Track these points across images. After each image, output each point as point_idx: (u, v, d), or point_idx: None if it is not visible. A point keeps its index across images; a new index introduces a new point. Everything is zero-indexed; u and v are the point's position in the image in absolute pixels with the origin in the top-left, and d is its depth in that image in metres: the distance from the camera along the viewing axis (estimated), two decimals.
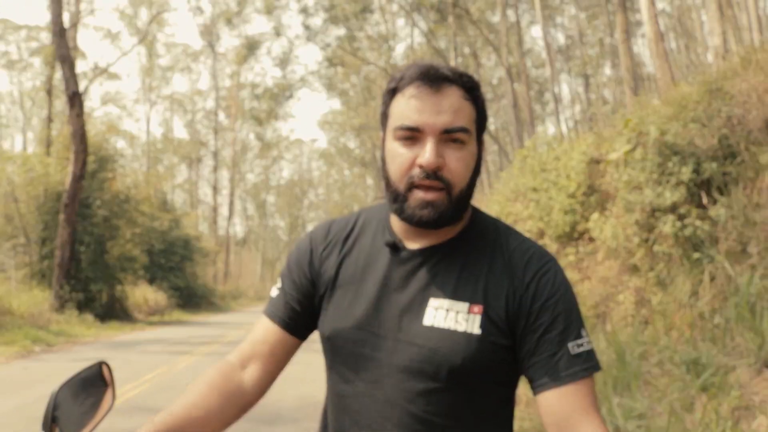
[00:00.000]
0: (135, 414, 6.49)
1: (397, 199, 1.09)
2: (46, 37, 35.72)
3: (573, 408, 1.03)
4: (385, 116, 1.15)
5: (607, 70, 38.54)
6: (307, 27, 29.54)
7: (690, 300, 5.77)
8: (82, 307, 18.43)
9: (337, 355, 1.16)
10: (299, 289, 1.24)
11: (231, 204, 56.25)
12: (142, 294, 25.65)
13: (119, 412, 6.46)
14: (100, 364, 1.25)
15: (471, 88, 1.10)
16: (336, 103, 51.81)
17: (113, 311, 21.10)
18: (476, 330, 1.07)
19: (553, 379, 1.05)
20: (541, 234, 9.26)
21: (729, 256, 5.55)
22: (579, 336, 1.07)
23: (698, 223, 5.85)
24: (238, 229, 75.59)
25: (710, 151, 6.10)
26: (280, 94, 30.68)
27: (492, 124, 46.68)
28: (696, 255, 5.85)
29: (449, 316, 1.08)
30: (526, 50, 35.70)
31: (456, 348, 1.06)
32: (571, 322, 1.08)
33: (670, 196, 6.03)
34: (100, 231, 21.07)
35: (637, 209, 6.54)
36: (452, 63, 27.68)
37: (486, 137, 1.20)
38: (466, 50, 36.02)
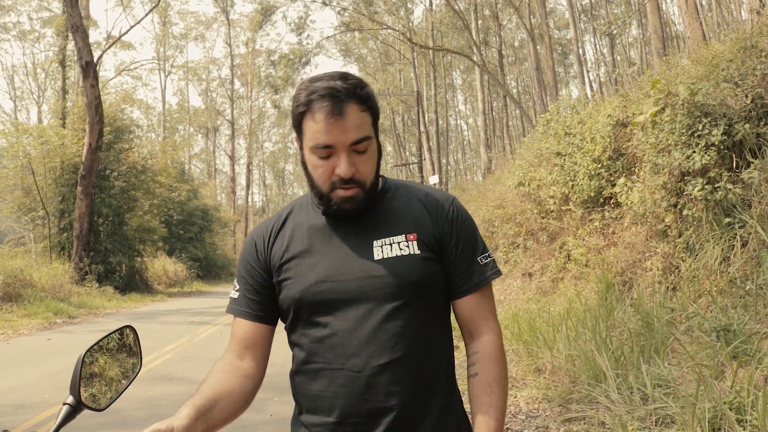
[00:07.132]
0: (159, 383, 6.51)
1: (323, 198, 1.38)
2: (57, 7, 35.48)
3: (480, 310, 1.42)
4: (298, 130, 1.37)
5: (634, 30, 37.61)
6: None
7: (720, 266, 5.61)
8: (102, 279, 18.61)
9: (308, 310, 1.37)
10: (256, 282, 1.45)
11: (249, 173, 56.31)
12: (161, 265, 25.87)
13: (143, 380, 6.50)
14: (126, 328, 1.31)
15: (366, 99, 1.33)
16: (353, 69, 51.23)
17: (133, 283, 21.29)
18: (417, 251, 1.37)
19: (469, 286, 1.41)
20: (566, 199, 9.09)
21: (762, 221, 5.37)
22: (485, 250, 1.46)
23: (730, 186, 5.65)
24: (257, 198, 75.97)
25: (743, 112, 5.87)
26: (296, 60, 30.26)
27: (514, 88, 46.11)
28: (727, 220, 5.67)
29: (393, 247, 1.37)
30: (549, 10, 34.89)
31: (410, 267, 1.35)
32: (477, 240, 1.46)
33: (699, 159, 5.82)
34: (117, 202, 21.14)
35: (665, 173, 6.36)
36: (472, 25, 27.22)
37: (507, 101, 1.13)
38: (487, 12, 35.31)
